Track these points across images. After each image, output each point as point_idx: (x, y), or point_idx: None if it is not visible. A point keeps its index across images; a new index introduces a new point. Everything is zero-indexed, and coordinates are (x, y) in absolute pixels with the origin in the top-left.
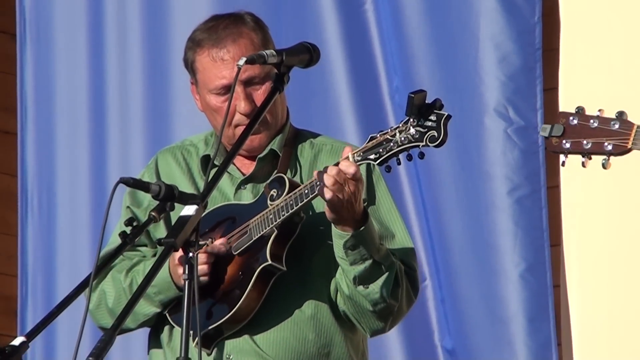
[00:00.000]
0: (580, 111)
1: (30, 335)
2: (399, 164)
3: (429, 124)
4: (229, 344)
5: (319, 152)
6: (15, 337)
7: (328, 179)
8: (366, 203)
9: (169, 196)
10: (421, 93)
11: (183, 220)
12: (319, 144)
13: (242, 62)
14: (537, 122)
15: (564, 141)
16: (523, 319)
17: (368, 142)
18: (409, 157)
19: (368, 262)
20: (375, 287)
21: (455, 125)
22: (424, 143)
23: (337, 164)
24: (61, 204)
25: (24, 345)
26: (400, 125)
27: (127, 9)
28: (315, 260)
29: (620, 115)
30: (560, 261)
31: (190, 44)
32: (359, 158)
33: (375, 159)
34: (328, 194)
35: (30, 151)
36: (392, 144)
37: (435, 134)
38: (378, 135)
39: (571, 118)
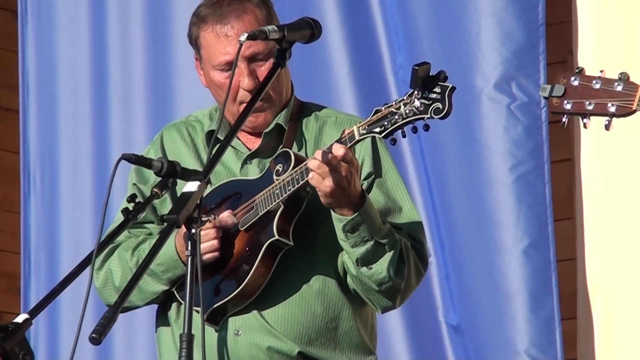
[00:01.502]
0: (581, 71)
1: (34, 313)
2: (404, 136)
3: (434, 96)
4: (238, 320)
5: (324, 124)
6: (19, 314)
7: (313, 163)
8: (373, 176)
9: (171, 172)
10: (425, 65)
11: (186, 196)
12: (324, 116)
13: (243, 37)
14: (540, 98)
15: (565, 101)
16: (526, 295)
17: (373, 115)
18: (414, 130)
19: (370, 244)
20: (379, 268)
21: (458, 101)
22: (428, 115)
23: (329, 147)
24: (64, 181)
25: (27, 323)
26: (405, 97)
27: None
28: (322, 234)
29: (623, 76)
30: (574, 234)
31: (195, 20)
32: (364, 131)
33: (380, 132)
34: (313, 178)
35: (33, 128)
36: (396, 117)
37: (440, 106)
38: (383, 109)
39: (572, 78)
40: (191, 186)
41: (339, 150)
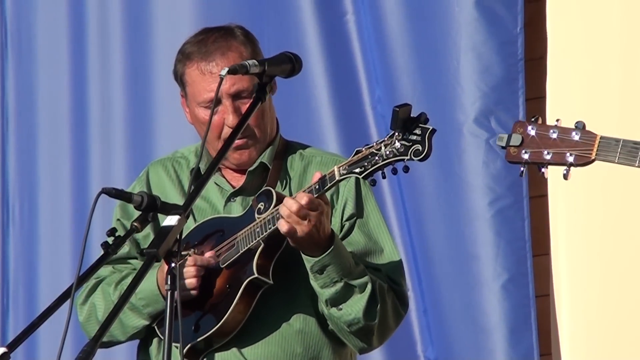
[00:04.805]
0: (537, 120)
1: (12, 346)
2: (384, 177)
3: (414, 137)
4: (217, 357)
5: (309, 164)
6: None
7: (285, 212)
8: (355, 217)
9: (151, 206)
10: (406, 107)
11: (165, 230)
12: (309, 155)
13: (224, 72)
14: None
15: (523, 151)
16: (505, 330)
17: (354, 155)
18: (394, 171)
19: (339, 285)
20: (348, 309)
21: (437, 135)
22: (408, 157)
23: (295, 197)
24: (43, 214)
25: (5, 356)
26: (386, 139)
27: (108, 19)
28: (303, 273)
29: (580, 125)
30: (548, 270)
31: (180, 57)
32: (345, 171)
33: (360, 173)
34: (284, 227)
35: (12, 161)
36: (377, 158)
37: (420, 148)
38: (364, 149)
39: (529, 127)
40: (171, 220)
41: (302, 199)
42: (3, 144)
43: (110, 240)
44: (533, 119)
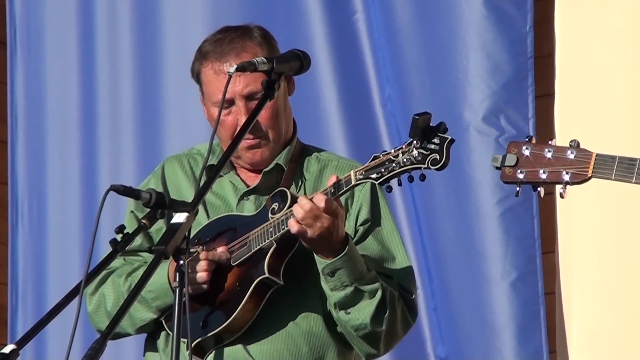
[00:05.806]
0: (530, 140)
1: (21, 343)
2: (400, 184)
3: (432, 146)
4: (223, 353)
5: (325, 167)
6: (6, 344)
7: (299, 213)
8: (369, 223)
9: (159, 203)
10: (426, 115)
11: (174, 227)
12: (325, 159)
13: (232, 69)
14: (528, 130)
15: (518, 171)
16: (515, 328)
17: (371, 161)
18: (411, 179)
19: (349, 289)
20: (356, 314)
21: (447, 134)
22: (425, 165)
23: (311, 198)
24: (52, 212)
25: (14, 353)
26: (404, 146)
27: (117, 17)
28: (313, 274)
29: (574, 143)
30: (555, 268)
31: (197, 55)
32: (361, 176)
33: (376, 179)
34: (295, 227)
35: (21, 159)
36: (394, 165)
37: (438, 157)
38: (381, 155)
39: (524, 147)
40: (180, 217)
41: (320, 202)
42: (12, 142)
43: (118, 237)
44: (527, 139)
